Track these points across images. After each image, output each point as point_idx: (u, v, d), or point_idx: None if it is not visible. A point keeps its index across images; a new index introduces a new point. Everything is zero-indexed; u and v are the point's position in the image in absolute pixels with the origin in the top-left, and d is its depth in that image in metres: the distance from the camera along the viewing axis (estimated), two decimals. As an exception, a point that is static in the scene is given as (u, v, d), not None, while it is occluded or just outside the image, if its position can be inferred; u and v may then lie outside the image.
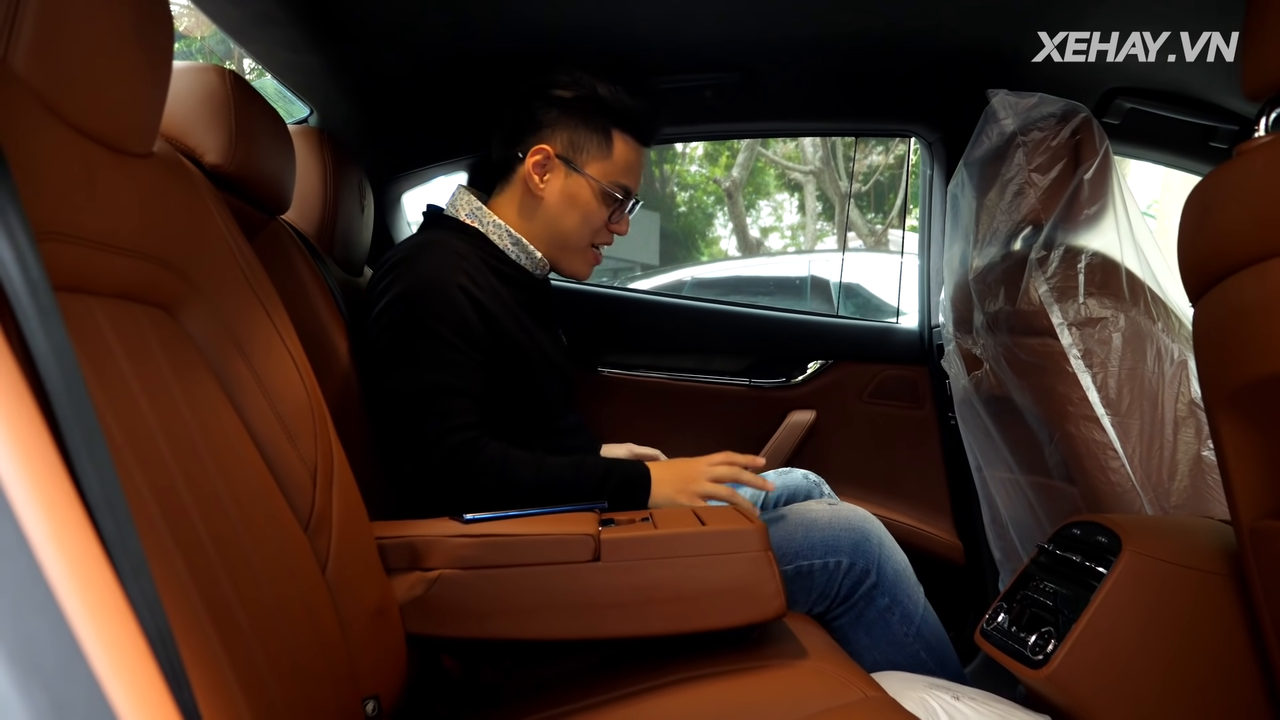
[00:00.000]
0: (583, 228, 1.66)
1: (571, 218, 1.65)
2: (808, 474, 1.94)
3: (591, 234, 1.68)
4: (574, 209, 1.64)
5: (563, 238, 1.67)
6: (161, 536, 0.72)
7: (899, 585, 1.56)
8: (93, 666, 0.33)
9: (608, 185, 1.64)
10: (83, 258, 0.76)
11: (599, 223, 1.66)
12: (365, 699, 1.01)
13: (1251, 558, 1.11)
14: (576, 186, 1.63)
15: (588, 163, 1.63)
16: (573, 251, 1.69)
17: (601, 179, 1.64)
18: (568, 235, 1.66)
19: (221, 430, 0.90)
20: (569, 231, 1.66)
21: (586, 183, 1.63)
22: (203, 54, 7.73)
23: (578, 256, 1.70)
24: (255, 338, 1.01)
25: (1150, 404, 1.65)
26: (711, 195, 15.66)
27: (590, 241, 1.69)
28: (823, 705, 1.07)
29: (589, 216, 1.65)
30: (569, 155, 1.63)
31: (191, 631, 0.70)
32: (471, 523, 1.23)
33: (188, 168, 1.00)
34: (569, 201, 1.64)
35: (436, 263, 1.49)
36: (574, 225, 1.65)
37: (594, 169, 1.63)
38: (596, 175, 1.63)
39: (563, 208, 1.64)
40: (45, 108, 0.71)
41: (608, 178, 1.64)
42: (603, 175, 1.64)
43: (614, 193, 1.64)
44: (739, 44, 1.88)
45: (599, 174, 1.64)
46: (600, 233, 1.69)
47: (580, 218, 1.65)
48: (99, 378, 0.74)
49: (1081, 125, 1.75)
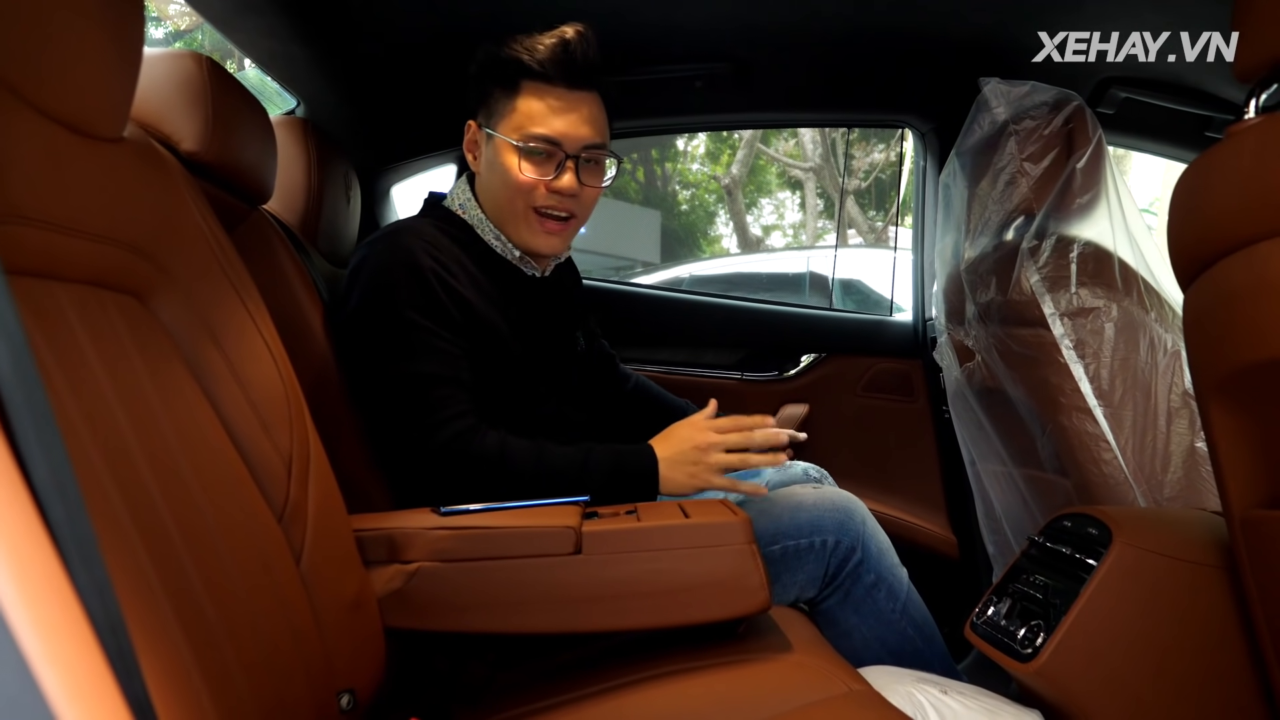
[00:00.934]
0: (506, 190, 1.55)
1: (495, 183, 1.57)
2: (810, 467, 1.91)
3: (522, 197, 1.55)
4: (495, 173, 1.56)
5: (499, 208, 1.58)
6: (121, 524, 0.70)
7: (883, 562, 1.54)
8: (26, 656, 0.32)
9: (518, 139, 1.52)
10: (49, 242, 0.75)
11: (522, 182, 1.53)
12: (340, 692, 0.99)
13: (1243, 548, 1.09)
14: (494, 151, 1.55)
15: (498, 123, 1.55)
16: (514, 220, 1.58)
17: (512, 134, 1.52)
18: (500, 203, 1.58)
19: (193, 419, 0.89)
20: (499, 198, 1.57)
21: (495, 143, 1.55)
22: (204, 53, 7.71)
23: (521, 224, 1.57)
24: (229, 326, 0.99)
25: (1143, 395, 1.64)
26: (712, 193, 15.68)
27: (527, 205, 1.56)
28: (807, 699, 1.06)
29: (505, 176, 1.54)
30: (485, 122, 1.57)
31: (150, 620, 0.68)
32: (449, 515, 1.21)
33: (161, 154, 0.99)
34: (491, 167, 1.57)
35: (402, 245, 1.46)
36: (499, 189, 1.56)
37: (503, 127, 1.54)
38: (504, 132, 1.53)
39: (490, 175, 1.57)
40: (9, 90, 0.70)
41: (516, 130, 1.52)
42: (511, 130, 1.53)
43: (526, 144, 1.52)
44: (729, 34, 1.87)
45: (507, 130, 1.53)
46: (536, 194, 1.54)
47: (500, 181, 1.55)
48: (61, 363, 0.72)
49: (1074, 114, 1.73)
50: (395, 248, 1.46)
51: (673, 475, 1.48)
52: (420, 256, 1.45)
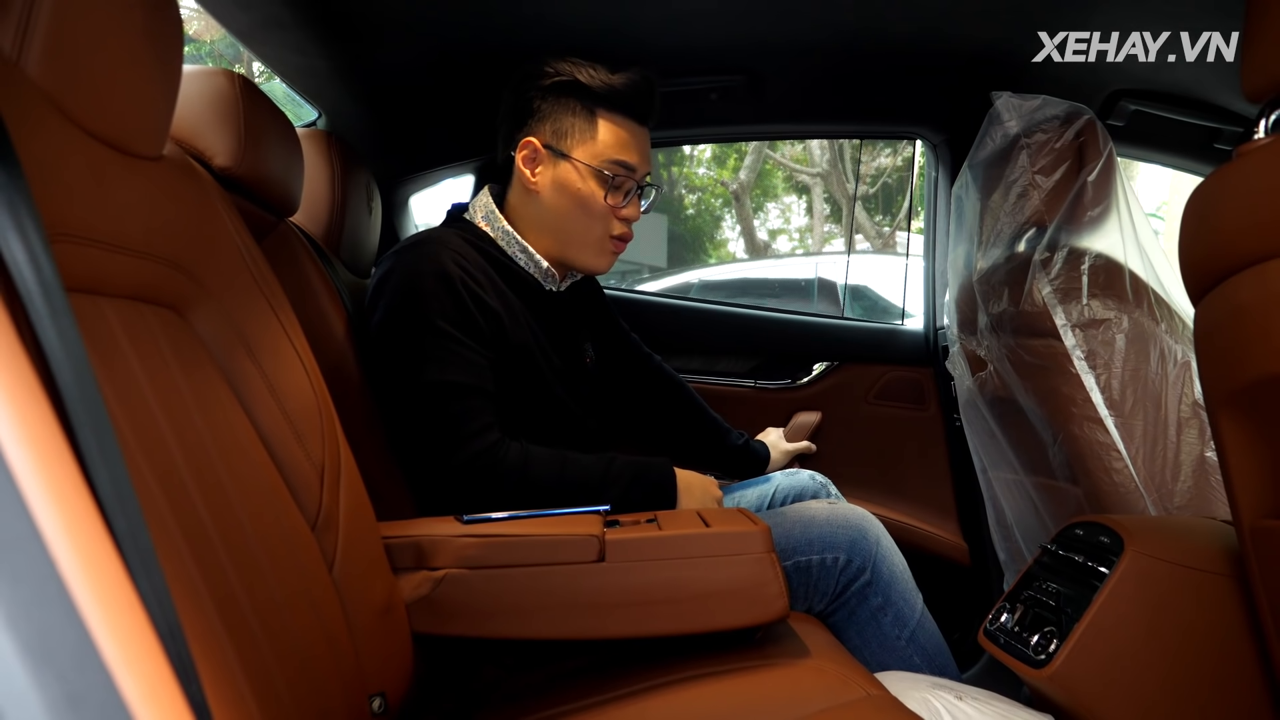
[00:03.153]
0: (581, 215, 1.59)
1: (566, 206, 1.59)
2: (814, 475, 1.94)
3: (598, 222, 1.60)
4: (567, 197, 1.58)
5: (565, 230, 1.61)
6: (171, 533, 0.73)
7: (894, 587, 1.56)
8: (105, 659, 0.34)
9: (598, 165, 1.57)
10: (94, 259, 0.77)
11: (599, 208, 1.59)
12: (372, 696, 1.02)
13: (1253, 557, 1.11)
14: (566, 173, 1.58)
15: (574, 147, 1.58)
16: (581, 244, 1.62)
17: (590, 160, 1.57)
18: (569, 226, 1.60)
19: (230, 430, 0.91)
20: (569, 221, 1.60)
21: (574, 167, 1.57)
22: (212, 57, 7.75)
23: (589, 249, 1.62)
24: (263, 338, 1.02)
25: (1153, 405, 1.66)
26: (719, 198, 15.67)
27: (600, 232, 1.61)
28: (825, 704, 1.08)
29: (584, 202, 1.58)
30: (554, 143, 1.58)
31: (200, 626, 0.71)
32: (471, 523, 1.24)
33: (197, 170, 1.01)
34: (561, 190, 1.58)
35: (430, 254, 1.47)
36: (570, 212, 1.59)
37: (581, 152, 1.57)
38: (583, 158, 1.57)
39: (557, 198, 1.59)
40: (57, 110, 0.72)
41: (597, 159, 1.57)
42: (591, 157, 1.57)
43: (605, 171, 1.57)
44: (743, 47, 1.89)
45: (586, 156, 1.57)
46: (608, 220, 1.61)
47: (575, 204, 1.58)
48: (110, 377, 0.75)
49: (1085, 127, 1.75)
50: (423, 257, 1.47)
51: (691, 491, 1.54)
52: (449, 266, 1.46)
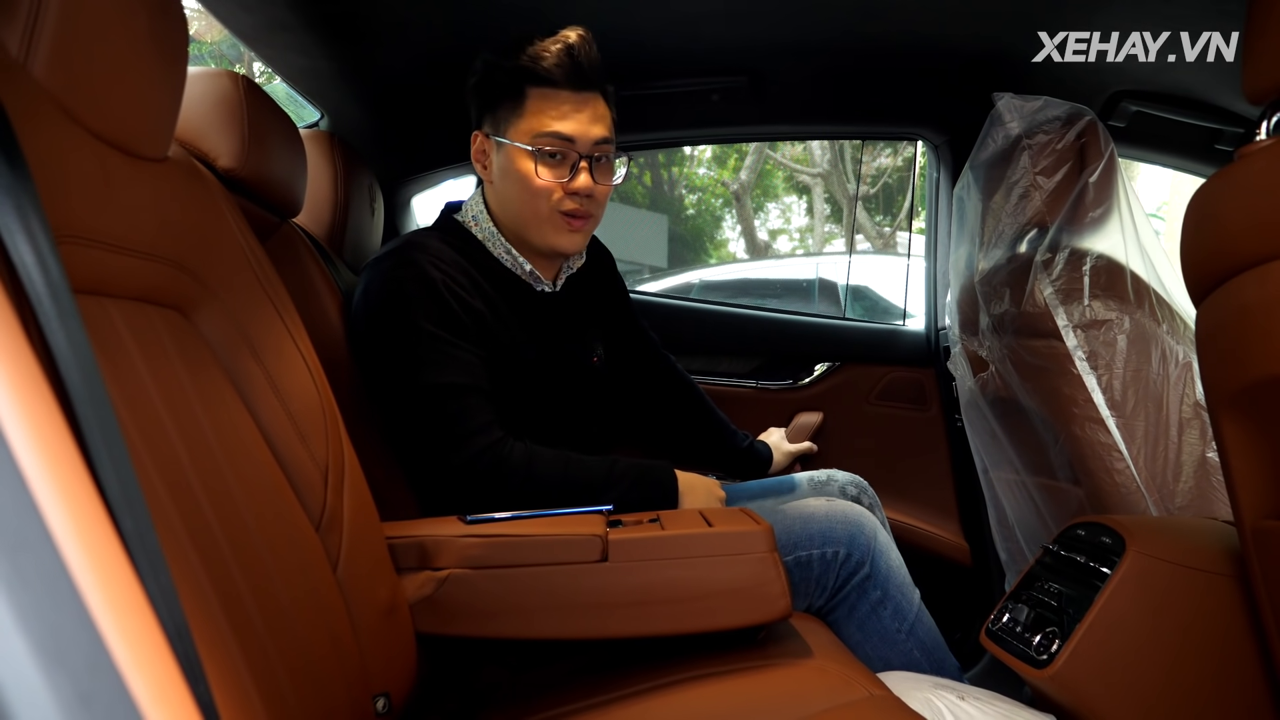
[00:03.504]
0: (525, 194, 1.55)
1: (512, 190, 1.56)
2: (855, 479, 1.92)
3: (543, 201, 1.54)
4: (511, 180, 1.55)
5: (517, 215, 1.58)
6: (177, 534, 0.73)
7: (891, 580, 1.56)
8: (115, 659, 0.34)
9: (529, 142, 1.52)
10: (100, 260, 0.77)
11: (538, 186, 1.53)
12: (376, 696, 1.02)
13: (1254, 558, 1.11)
14: (506, 158, 1.55)
15: (506, 130, 1.54)
16: (536, 224, 1.57)
17: (520, 139, 1.53)
18: (518, 210, 1.57)
19: (235, 430, 0.92)
20: (517, 205, 1.56)
21: (507, 150, 1.54)
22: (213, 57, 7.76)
23: (544, 227, 1.57)
24: (268, 339, 1.02)
25: (1155, 406, 1.66)
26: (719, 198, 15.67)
27: (546, 209, 1.55)
28: (828, 703, 1.08)
29: (523, 181, 1.53)
30: (492, 130, 1.57)
31: (206, 626, 0.71)
32: (474, 523, 1.24)
33: (201, 172, 1.02)
34: (505, 175, 1.56)
35: (409, 259, 1.47)
36: (516, 196, 1.56)
37: (512, 133, 1.53)
38: (515, 138, 1.53)
39: (504, 184, 1.57)
40: (63, 113, 0.73)
41: (528, 134, 1.52)
42: (521, 135, 1.53)
43: (539, 146, 1.52)
44: (745, 48, 1.89)
45: (517, 135, 1.53)
46: (555, 197, 1.54)
47: (518, 187, 1.55)
48: (116, 378, 0.75)
49: (1086, 128, 1.75)
50: (402, 264, 1.47)
51: (695, 492, 1.54)
52: (428, 269, 1.46)
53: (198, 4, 1.53)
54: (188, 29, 0.92)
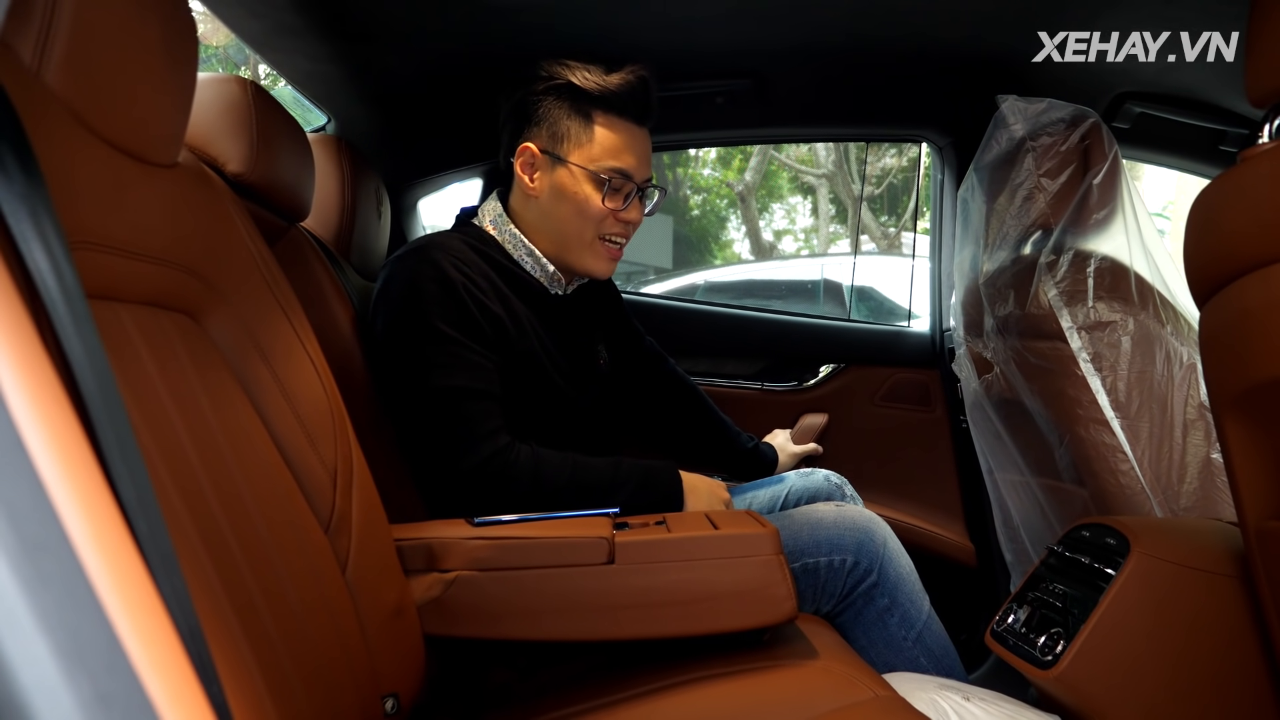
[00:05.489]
0: (579, 219, 1.58)
1: (565, 211, 1.58)
2: (830, 475, 1.94)
3: (594, 225, 1.59)
4: (565, 201, 1.58)
5: (563, 234, 1.60)
6: (189, 536, 0.74)
7: (900, 588, 1.57)
8: (132, 660, 0.35)
9: (594, 169, 1.56)
10: (112, 266, 0.78)
11: (598, 212, 1.57)
12: (385, 697, 1.03)
13: (1258, 559, 1.12)
14: (564, 178, 1.57)
15: (570, 151, 1.57)
16: (579, 247, 1.61)
17: (587, 164, 1.56)
18: (567, 230, 1.60)
19: (244, 433, 0.92)
20: (567, 225, 1.59)
21: (571, 171, 1.56)
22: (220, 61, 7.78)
23: (586, 252, 1.61)
24: (276, 342, 1.03)
25: (1159, 407, 1.66)
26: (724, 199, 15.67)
27: (596, 234, 1.60)
28: (833, 704, 1.08)
29: (582, 206, 1.57)
30: (551, 148, 1.58)
31: (218, 628, 0.72)
32: (481, 525, 1.25)
33: (211, 177, 1.03)
34: (559, 195, 1.58)
35: (430, 259, 1.47)
36: (569, 217, 1.58)
37: (578, 156, 1.56)
38: (581, 161, 1.56)
39: (555, 202, 1.59)
40: (76, 120, 0.74)
41: (594, 162, 1.56)
42: (588, 161, 1.56)
43: (602, 175, 1.56)
44: (749, 51, 1.90)
45: (583, 160, 1.56)
46: (606, 223, 1.60)
47: (573, 209, 1.57)
48: (128, 382, 0.76)
49: (1090, 130, 1.76)
50: (424, 263, 1.47)
51: (698, 494, 1.55)
52: (449, 270, 1.46)
53: (207, 9, 1.54)
54: (197, 36, 0.93)
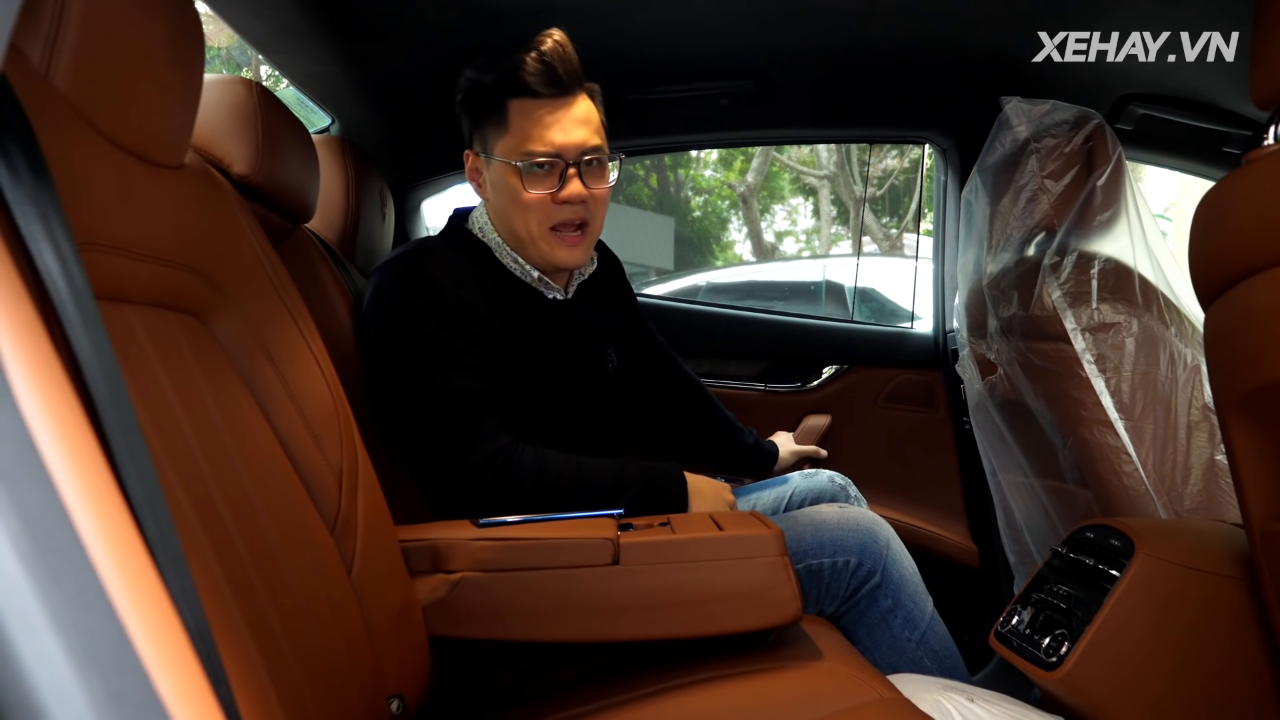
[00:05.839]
0: (519, 213, 1.53)
1: (506, 208, 1.55)
2: (834, 476, 1.94)
3: (536, 215, 1.53)
4: (504, 196, 1.54)
5: (514, 232, 1.57)
6: (197, 537, 0.74)
7: (904, 590, 1.56)
8: (143, 659, 0.35)
9: (516, 159, 1.50)
10: (119, 267, 0.78)
11: (529, 200, 1.51)
12: (390, 697, 1.03)
13: (1263, 560, 1.12)
14: (496, 175, 1.54)
15: (494, 146, 1.53)
16: (530, 241, 1.56)
17: (509, 155, 1.51)
18: (515, 227, 1.56)
19: (251, 434, 0.93)
20: (513, 223, 1.55)
21: (495, 167, 1.54)
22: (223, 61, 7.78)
23: (541, 243, 1.55)
24: (282, 343, 1.03)
25: (1163, 408, 1.66)
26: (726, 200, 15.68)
27: (545, 224, 1.54)
28: (838, 705, 1.08)
29: (517, 198, 1.51)
30: (481, 148, 1.56)
31: (226, 629, 0.72)
32: (486, 527, 1.25)
33: (217, 178, 1.03)
34: (497, 192, 1.56)
35: (418, 265, 1.47)
36: (511, 214, 1.54)
37: (500, 148, 1.52)
38: (503, 154, 1.52)
39: (499, 200, 1.56)
40: (84, 122, 0.74)
41: (514, 152, 1.51)
42: (509, 151, 1.51)
43: (516, 164, 1.50)
44: (752, 53, 1.90)
45: (505, 151, 1.51)
46: (546, 210, 1.52)
47: (510, 204, 1.53)
48: (136, 384, 0.76)
49: (1094, 131, 1.76)
50: (411, 268, 1.47)
51: (702, 495, 1.55)
52: (437, 275, 1.46)
53: (212, 11, 1.54)
54: (204, 38, 0.93)
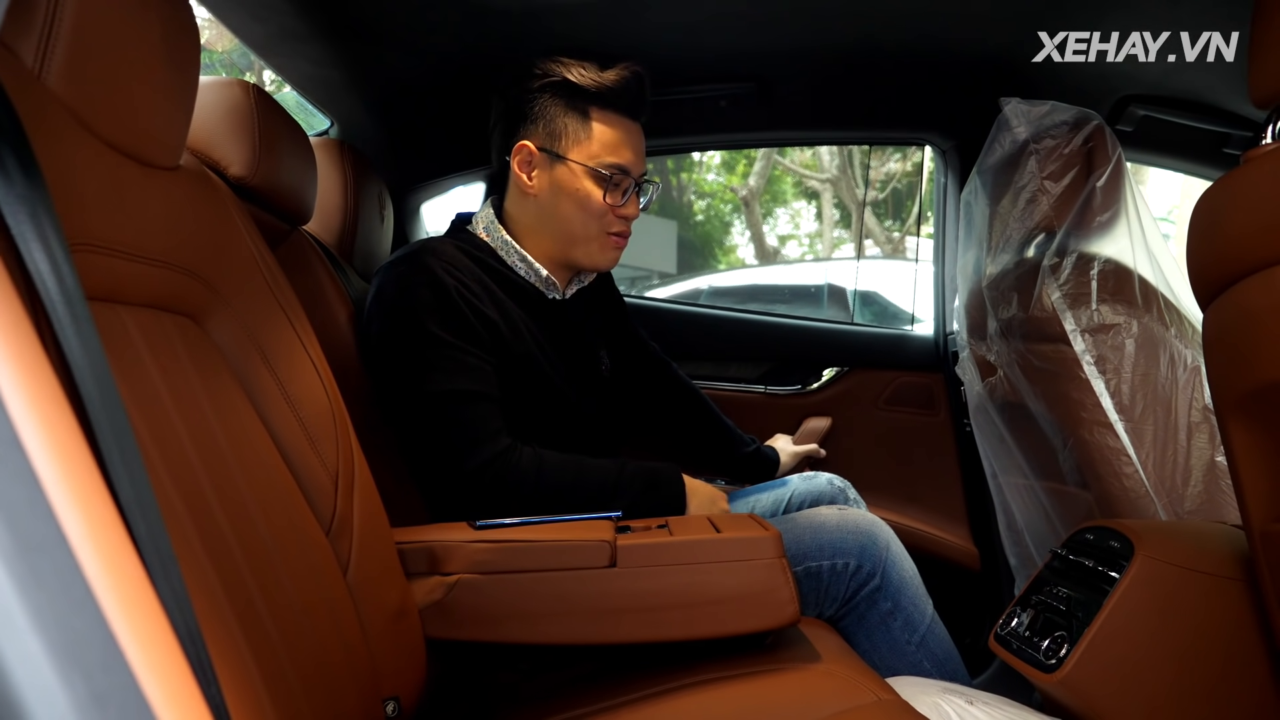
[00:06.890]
0: (581, 215, 1.58)
1: (566, 208, 1.58)
2: (833, 478, 1.94)
3: (596, 221, 1.59)
4: (566, 198, 1.58)
5: (567, 231, 1.60)
6: (189, 538, 0.74)
7: (904, 592, 1.56)
8: (128, 659, 0.35)
9: (594, 166, 1.56)
10: (114, 268, 0.78)
11: (599, 208, 1.57)
12: (386, 700, 1.02)
13: (1263, 561, 1.11)
14: (563, 175, 1.57)
15: (569, 148, 1.56)
16: (584, 243, 1.61)
17: (587, 161, 1.56)
18: (571, 227, 1.59)
19: (246, 436, 0.92)
20: (570, 222, 1.59)
21: (570, 168, 1.56)
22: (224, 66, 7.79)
23: (592, 246, 1.61)
24: (279, 345, 1.03)
25: (1163, 410, 1.66)
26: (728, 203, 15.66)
27: (600, 230, 1.60)
28: (836, 708, 1.08)
29: (584, 202, 1.57)
30: (549, 145, 1.57)
31: (218, 630, 0.72)
32: (483, 528, 1.24)
33: (213, 180, 1.03)
34: (559, 192, 1.58)
35: (423, 265, 1.47)
36: (571, 214, 1.58)
37: (576, 153, 1.56)
38: (580, 159, 1.56)
39: (556, 200, 1.58)
40: (78, 123, 0.74)
41: (593, 159, 1.56)
42: (587, 157, 1.56)
43: (603, 171, 1.56)
44: (752, 55, 1.90)
45: (582, 156, 1.56)
46: (607, 218, 1.60)
47: (575, 205, 1.57)
48: (129, 385, 0.76)
49: (1094, 133, 1.75)
50: (416, 269, 1.47)
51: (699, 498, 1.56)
52: (442, 275, 1.46)
53: (209, 13, 1.54)
54: (199, 39, 0.93)
